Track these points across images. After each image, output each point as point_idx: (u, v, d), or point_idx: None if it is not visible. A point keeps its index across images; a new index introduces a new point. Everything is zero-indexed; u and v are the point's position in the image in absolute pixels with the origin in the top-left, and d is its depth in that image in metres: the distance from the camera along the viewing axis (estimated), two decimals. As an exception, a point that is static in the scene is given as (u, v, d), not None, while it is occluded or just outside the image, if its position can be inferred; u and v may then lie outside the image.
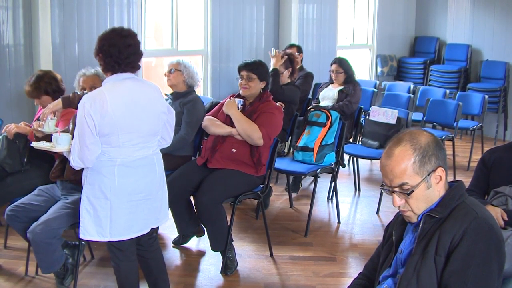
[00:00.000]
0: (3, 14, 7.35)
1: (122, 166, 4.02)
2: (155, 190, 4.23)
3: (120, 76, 4.05)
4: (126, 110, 3.96)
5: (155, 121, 4.15)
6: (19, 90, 7.45)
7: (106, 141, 3.96)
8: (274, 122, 5.46)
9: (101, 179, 4.02)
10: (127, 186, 4.05)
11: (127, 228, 4.11)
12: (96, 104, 3.88)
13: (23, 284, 5.19)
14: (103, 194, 4.03)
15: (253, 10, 10.24)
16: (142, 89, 4.13)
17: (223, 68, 9.67)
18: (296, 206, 7.14)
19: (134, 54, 4.07)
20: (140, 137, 4.05)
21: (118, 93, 3.99)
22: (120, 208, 4.04)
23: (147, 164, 4.15)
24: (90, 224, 4.10)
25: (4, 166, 5.48)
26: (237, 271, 5.37)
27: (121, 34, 4.08)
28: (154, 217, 4.28)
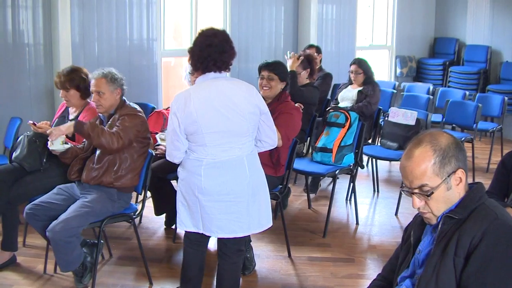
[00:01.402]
0: (23, 13, 7.40)
1: (209, 166, 4.14)
2: (247, 194, 4.22)
3: (208, 76, 4.19)
4: (210, 110, 4.07)
5: (242, 122, 4.16)
6: (38, 89, 7.52)
7: (192, 139, 4.15)
8: (293, 122, 5.44)
9: (189, 177, 4.21)
10: (214, 187, 4.15)
11: (217, 227, 4.23)
12: (181, 103, 4.09)
13: (41, 282, 5.22)
14: (192, 191, 4.21)
15: (272, 11, 10.25)
16: (230, 89, 4.19)
17: (242, 68, 9.68)
18: (314, 207, 7.14)
19: (218, 53, 4.18)
20: (226, 137, 4.13)
21: (203, 92, 4.12)
22: (209, 207, 4.18)
23: (236, 165, 4.19)
24: (185, 216, 4.33)
25: (24, 165, 5.52)
26: (255, 272, 5.38)
27: (205, 33, 4.26)
28: (250, 220, 4.29)
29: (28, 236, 6.03)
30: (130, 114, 4.92)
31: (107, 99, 4.94)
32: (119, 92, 5.00)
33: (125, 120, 4.87)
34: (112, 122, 4.93)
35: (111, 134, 4.76)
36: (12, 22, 7.38)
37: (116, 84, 4.97)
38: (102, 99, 4.93)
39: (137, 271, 5.42)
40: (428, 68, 12.70)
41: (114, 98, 4.98)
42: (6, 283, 5.19)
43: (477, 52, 12.06)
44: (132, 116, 4.92)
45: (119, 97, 5.02)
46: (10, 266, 5.49)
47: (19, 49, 7.50)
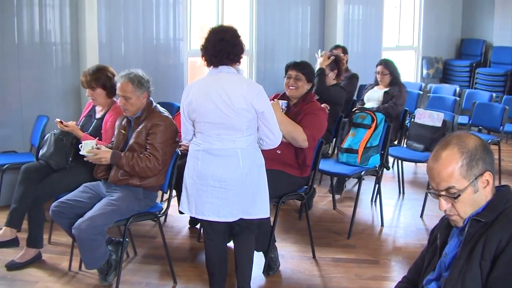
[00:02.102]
0: (50, 12, 7.45)
1: (205, 152, 4.44)
2: (238, 183, 4.43)
3: (214, 70, 4.48)
4: (206, 101, 4.38)
5: (235, 117, 4.35)
6: (65, 88, 7.57)
7: (195, 126, 4.51)
8: (319, 123, 5.42)
9: (190, 161, 4.54)
10: (208, 172, 4.42)
11: (209, 209, 4.48)
12: (185, 91, 4.56)
13: (66, 279, 5.26)
14: (190, 174, 4.52)
15: (298, 11, 10.24)
16: (229, 84, 4.40)
17: (268, 68, 9.69)
18: (339, 208, 7.12)
19: (230, 46, 4.44)
20: (220, 128, 4.39)
21: (204, 84, 4.48)
22: (202, 191, 4.46)
23: (230, 155, 4.41)
24: (184, 199, 4.61)
25: (50, 163, 5.57)
26: (279, 272, 5.38)
27: (215, 30, 4.54)
28: (239, 208, 4.50)
29: (53, 234, 6.08)
30: (160, 128, 4.89)
31: (133, 103, 4.94)
32: (145, 96, 5.00)
33: (157, 138, 4.87)
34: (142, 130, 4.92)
35: (147, 159, 4.82)
36: (39, 21, 7.43)
37: (143, 89, 4.95)
38: (129, 104, 4.94)
39: (161, 269, 5.44)
40: (454, 69, 12.63)
41: (140, 102, 4.97)
42: (31, 280, 5.23)
43: (504, 53, 11.97)
44: (163, 129, 4.89)
45: (146, 100, 5.02)
46: (35, 263, 5.53)
47: (46, 48, 7.55)
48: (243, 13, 9.54)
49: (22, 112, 7.39)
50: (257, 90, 4.46)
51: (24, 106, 7.40)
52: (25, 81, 7.40)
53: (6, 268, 5.43)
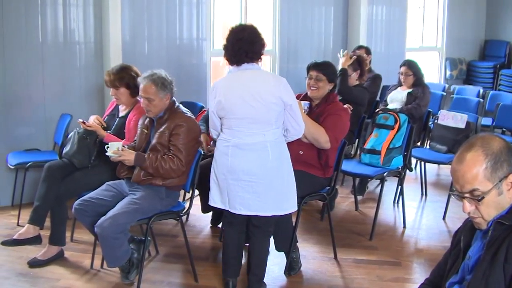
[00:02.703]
0: (73, 11, 7.50)
1: (235, 147, 4.53)
2: (268, 176, 4.55)
3: (240, 67, 4.58)
4: (235, 98, 4.50)
5: (265, 111, 4.47)
6: (89, 86, 7.61)
7: (223, 122, 4.62)
8: (341, 124, 5.41)
9: (219, 156, 4.62)
10: (239, 167, 4.52)
11: (240, 204, 4.59)
12: (213, 90, 4.66)
13: (88, 277, 5.29)
14: (221, 170, 4.62)
15: (321, 11, 10.22)
16: (256, 80, 4.54)
17: (291, 68, 9.67)
18: (361, 209, 7.10)
19: (248, 44, 4.53)
20: (250, 123, 4.50)
21: (232, 81, 4.60)
22: (234, 185, 4.56)
23: (259, 149, 4.52)
24: (215, 193, 4.73)
25: (73, 161, 5.61)
26: (301, 272, 5.37)
27: (234, 30, 4.64)
28: (272, 203, 4.60)
29: (75, 231, 6.11)
30: (183, 129, 4.90)
31: (156, 105, 4.95)
32: (168, 97, 5.00)
33: (180, 139, 4.88)
34: (165, 130, 4.93)
35: (171, 161, 4.84)
36: (63, 20, 7.47)
37: (166, 90, 4.96)
38: (152, 105, 4.95)
39: (183, 268, 5.45)
40: (478, 70, 12.54)
41: (163, 103, 4.98)
42: (53, 277, 5.27)
43: (529, 55, 11.90)
44: (186, 130, 4.90)
45: (169, 101, 5.02)
46: (57, 260, 5.57)
47: (70, 47, 7.59)
48: (267, 13, 9.53)
49: (45, 111, 7.43)
50: (284, 83, 4.60)
51: (48, 104, 7.45)
52: (49, 80, 7.45)
53: (29, 265, 5.47)
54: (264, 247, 4.86)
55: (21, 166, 6.76)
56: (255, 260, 4.84)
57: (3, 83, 7.11)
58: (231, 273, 4.92)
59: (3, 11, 6.99)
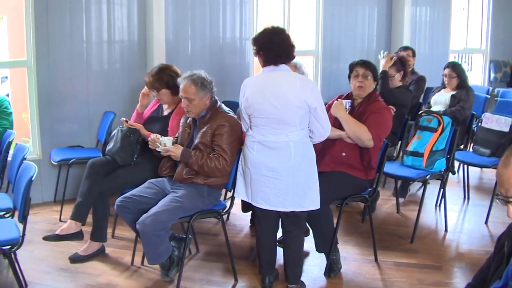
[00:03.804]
0: (118, 10, 7.57)
1: (260, 144, 4.64)
2: (289, 174, 4.60)
3: (269, 68, 4.63)
4: (261, 98, 4.57)
5: (289, 113, 4.50)
6: (132, 85, 7.66)
7: (251, 120, 4.71)
8: (384, 122, 5.36)
9: (246, 151, 4.75)
10: (262, 163, 4.63)
11: (262, 198, 4.70)
12: (243, 88, 4.75)
13: (128, 274, 5.34)
14: (246, 164, 4.76)
15: (365, 12, 10.18)
16: (283, 82, 4.56)
17: (334, 69, 9.65)
18: (403, 211, 7.04)
19: (278, 45, 4.57)
20: (274, 123, 4.56)
21: (260, 82, 4.66)
22: (257, 180, 4.68)
23: (282, 148, 4.58)
24: (240, 185, 4.88)
25: (116, 159, 5.66)
26: (341, 274, 5.34)
27: (265, 31, 4.67)
28: (291, 199, 4.65)
29: (117, 228, 6.17)
30: (226, 129, 4.90)
31: (196, 105, 4.96)
32: (208, 97, 5.01)
33: (223, 139, 4.89)
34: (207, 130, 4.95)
35: (217, 160, 4.86)
36: (107, 19, 7.54)
37: (206, 90, 4.97)
38: (192, 105, 4.96)
39: (223, 267, 5.46)
40: (523, 74, 12.38)
41: (203, 103, 4.99)
42: (94, 273, 5.32)
43: None
44: (229, 130, 4.91)
45: (209, 101, 5.03)
46: (98, 256, 5.64)
47: (114, 45, 7.66)
48: (310, 13, 9.51)
49: (89, 108, 7.52)
50: (310, 86, 4.62)
51: (91, 102, 7.53)
52: (93, 78, 7.53)
53: (70, 260, 5.54)
54: (298, 243, 4.89)
55: (64, 162, 6.84)
56: (290, 256, 4.88)
57: (47, 80, 7.20)
58: (266, 269, 4.98)
59: (48, 10, 7.08)
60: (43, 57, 7.13)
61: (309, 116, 4.58)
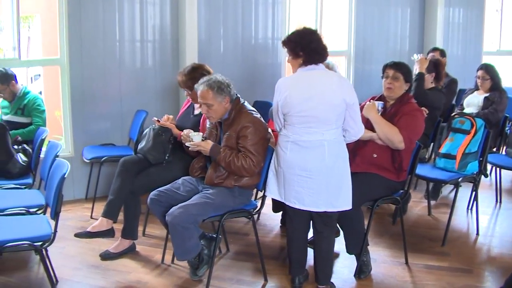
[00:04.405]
0: (150, 9, 7.61)
1: (294, 143, 4.61)
2: (323, 173, 4.59)
3: (307, 67, 4.61)
4: (299, 96, 4.55)
5: (327, 111, 4.53)
6: (164, 84, 7.71)
7: (285, 118, 4.68)
8: (416, 124, 5.32)
9: (279, 150, 4.73)
10: (295, 162, 4.61)
11: (295, 197, 4.68)
12: (280, 87, 4.70)
13: (158, 272, 5.37)
14: (278, 163, 4.74)
15: (397, 13, 10.13)
16: (321, 80, 4.60)
17: (366, 69, 9.61)
18: (434, 214, 6.98)
19: (315, 44, 4.60)
20: (311, 122, 4.55)
21: (298, 81, 4.64)
22: (290, 179, 4.67)
23: (317, 147, 4.57)
24: (273, 184, 4.87)
25: (148, 157, 5.69)
26: (371, 276, 5.31)
27: (300, 32, 4.68)
28: (324, 199, 4.64)
29: (148, 226, 6.22)
30: (250, 130, 4.90)
31: (216, 110, 4.95)
32: (227, 100, 4.98)
33: (248, 140, 4.89)
34: (232, 134, 4.96)
35: (244, 159, 4.87)
36: (140, 18, 7.59)
37: (223, 94, 4.93)
38: (212, 111, 4.96)
39: (253, 267, 5.47)
40: (558, 76, 12.24)
41: (223, 107, 4.97)
42: (124, 270, 5.38)
43: None
44: (253, 131, 4.90)
45: (229, 104, 5.01)
46: (129, 254, 5.69)
47: (147, 44, 7.70)
48: (342, 13, 9.49)
49: (121, 107, 7.57)
50: (347, 83, 4.73)
51: (124, 100, 7.58)
52: (125, 77, 7.58)
53: (101, 257, 5.60)
54: (328, 243, 4.88)
55: (96, 160, 6.90)
56: (321, 256, 4.87)
57: (80, 78, 7.26)
58: (296, 269, 4.98)
59: (81, 9, 7.14)
60: (76, 55, 7.19)
61: (345, 114, 4.59)
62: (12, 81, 6.67)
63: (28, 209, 5.06)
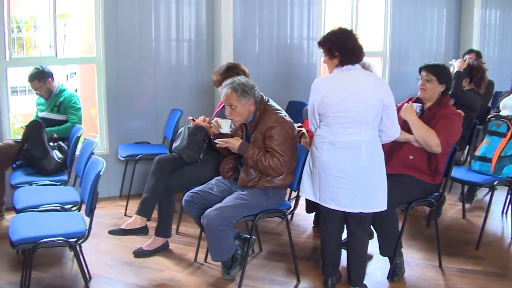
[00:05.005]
0: (186, 9, 7.66)
1: (330, 144, 4.58)
2: (359, 174, 4.56)
3: (343, 68, 4.60)
4: (337, 96, 4.52)
5: (364, 111, 4.50)
6: (199, 83, 7.74)
7: (322, 118, 4.65)
8: (453, 128, 5.28)
9: (315, 151, 4.70)
10: (332, 163, 4.58)
11: (331, 198, 4.65)
12: (317, 87, 4.67)
13: (191, 270, 5.40)
14: (314, 164, 4.71)
15: (434, 14, 10.05)
16: (358, 81, 4.57)
17: (402, 71, 9.54)
18: (469, 217, 6.92)
19: (351, 44, 4.59)
20: (348, 122, 4.52)
21: (335, 81, 4.62)
22: (326, 180, 4.64)
23: (354, 147, 4.54)
24: (307, 185, 4.83)
25: (183, 156, 5.72)
26: (404, 279, 5.28)
27: (336, 32, 4.66)
28: (360, 200, 4.60)
29: (181, 224, 6.26)
30: (275, 130, 4.88)
31: (240, 112, 4.96)
32: (252, 103, 4.97)
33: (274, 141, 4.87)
34: (258, 136, 4.96)
35: (271, 158, 4.85)
36: (176, 17, 7.63)
37: (247, 96, 4.93)
38: (236, 113, 4.96)
39: (285, 267, 5.47)
40: None
41: (247, 109, 4.97)
42: (157, 268, 5.41)
43: None
44: (279, 131, 4.88)
45: (253, 106, 5.00)
46: (162, 251, 5.73)
47: (182, 44, 7.74)
48: (378, 14, 9.44)
49: (156, 105, 7.62)
50: (384, 84, 4.73)
51: (159, 99, 7.63)
52: (161, 76, 7.63)
53: (134, 255, 5.65)
54: (362, 245, 4.86)
55: (131, 158, 6.95)
56: (354, 258, 4.86)
57: (116, 77, 7.33)
58: (329, 270, 4.96)
59: (117, 8, 7.20)
60: (112, 54, 7.26)
61: (382, 114, 4.57)
62: (48, 79, 6.73)
63: (63, 205, 5.11)
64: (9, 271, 5.28)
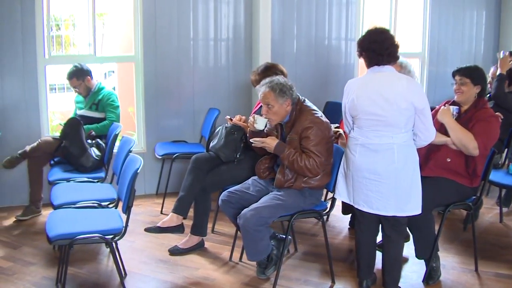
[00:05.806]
0: (224, 9, 7.69)
1: (363, 146, 4.57)
2: (392, 177, 4.51)
3: (375, 69, 4.57)
4: (367, 99, 4.50)
5: (395, 114, 4.43)
6: (237, 83, 7.75)
7: (354, 121, 4.67)
8: (491, 131, 5.22)
9: (348, 153, 4.70)
10: (364, 165, 4.56)
11: (364, 201, 4.64)
12: (348, 88, 4.69)
13: (226, 268, 5.42)
14: (347, 166, 4.72)
15: (473, 15, 9.94)
16: (389, 83, 4.48)
17: (440, 72, 9.46)
18: (506, 221, 6.84)
19: (381, 45, 4.51)
20: (379, 125, 4.49)
21: (366, 83, 4.58)
22: (359, 182, 4.64)
23: (385, 150, 4.49)
24: (342, 187, 4.84)
25: (220, 155, 5.74)
26: (440, 282, 5.23)
27: (369, 32, 4.64)
28: (394, 203, 4.56)
29: (217, 223, 6.30)
30: (312, 131, 4.86)
31: (277, 112, 4.96)
32: (289, 103, 4.98)
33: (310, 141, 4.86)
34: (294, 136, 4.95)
35: (307, 159, 4.84)
36: (214, 16, 7.66)
37: (285, 96, 4.93)
38: (272, 112, 4.96)
39: (320, 268, 5.47)
40: None
41: (284, 109, 4.97)
42: (192, 266, 5.45)
43: None
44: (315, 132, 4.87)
45: (290, 106, 5.00)
46: (197, 250, 5.77)
47: (220, 43, 7.76)
48: (417, 15, 9.38)
49: (194, 104, 7.66)
50: (417, 87, 4.58)
51: (196, 98, 7.67)
52: (199, 75, 7.67)
53: (169, 253, 5.70)
54: (396, 248, 4.80)
55: (168, 156, 7.00)
56: (389, 260, 4.82)
57: (154, 75, 7.38)
58: (364, 273, 4.95)
59: (156, 7, 7.25)
60: (150, 53, 7.32)
61: (415, 118, 4.50)
62: (87, 77, 6.79)
63: (100, 202, 5.17)
64: (45, 266, 5.36)
